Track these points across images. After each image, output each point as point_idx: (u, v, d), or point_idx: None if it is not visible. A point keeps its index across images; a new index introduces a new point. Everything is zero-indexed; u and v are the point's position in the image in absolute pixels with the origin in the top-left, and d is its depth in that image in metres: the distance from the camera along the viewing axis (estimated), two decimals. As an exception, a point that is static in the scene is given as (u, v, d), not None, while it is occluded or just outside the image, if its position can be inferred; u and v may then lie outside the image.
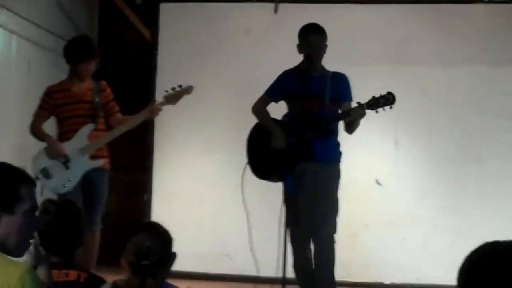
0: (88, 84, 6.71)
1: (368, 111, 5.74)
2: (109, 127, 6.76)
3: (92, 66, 6.65)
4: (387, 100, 5.68)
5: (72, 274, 3.84)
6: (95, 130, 6.59)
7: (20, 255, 2.86)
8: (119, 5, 8.53)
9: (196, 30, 8.65)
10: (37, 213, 3.85)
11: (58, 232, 3.93)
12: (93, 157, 6.56)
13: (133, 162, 8.42)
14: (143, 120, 6.77)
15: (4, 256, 2.78)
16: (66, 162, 6.44)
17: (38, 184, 6.51)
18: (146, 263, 3.63)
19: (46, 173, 6.47)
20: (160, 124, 8.51)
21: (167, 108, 6.77)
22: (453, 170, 8.23)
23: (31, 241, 2.93)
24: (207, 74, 8.37)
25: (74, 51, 6.72)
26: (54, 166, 6.47)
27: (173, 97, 6.65)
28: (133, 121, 6.69)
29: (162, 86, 8.40)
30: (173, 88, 6.64)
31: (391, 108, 5.71)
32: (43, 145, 6.69)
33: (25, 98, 7.55)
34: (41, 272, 3.46)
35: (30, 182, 2.90)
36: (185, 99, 7.02)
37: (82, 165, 6.50)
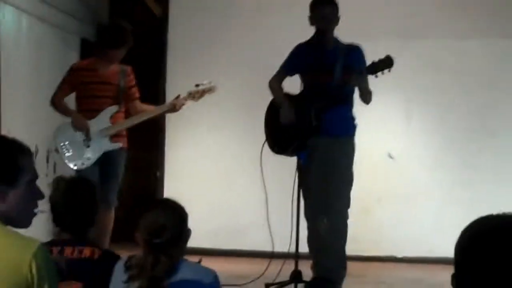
0: (115, 66, 6.70)
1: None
2: (127, 111, 6.79)
3: (122, 53, 6.65)
4: (385, 63, 5.70)
5: (86, 251, 3.84)
6: (117, 112, 6.63)
7: (26, 226, 2.86)
8: (130, -17, 8.55)
9: (208, 7, 8.62)
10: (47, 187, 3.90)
11: (67, 209, 3.95)
12: (113, 137, 6.60)
13: (145, 139, 8.42)
14: (165, 112, 6.88)
15: (16, 232, 2.79)
16: (86, 140, 6.48)
17: (51, 159, 6.60)
18: (159, 241, 3.64)
19: (66, 148, 6.51)
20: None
21: (184, 81, 6.81)
22: (465, 144, 8.23)
23: (35, 210, 2.94)
24: (219, 51, 8.37)
25: (108, 37, 6.71)
26: (75, 143, 6.51)
27: (196, 94, 6.72)
28: (155, 111, 6.86)
29: (173, 64, 8.52)
30: (197, 85, 6.71)
31: (389, 71, 5.72)
32: (53, 120, 6.72)
33: (36, 74, 7.59)
34: None
35: (28, 152, 2.89)
36: (196, 75, 7.05)
37: (101, 145, 6.54)
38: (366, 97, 5.97)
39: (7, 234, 2.75)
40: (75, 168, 6.42)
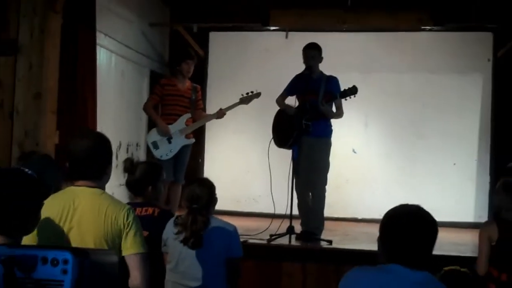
0: (188, 84, 6.55)
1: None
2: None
3: (191, 65, 6.50)
4: (351, 91, 5.68)
5: (149, 210, 3.85)
6: (190, 118, 6.50)
7: None
8: (182, 33, 8.52)
9: (234, 50, 8.65)
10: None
11: (132, 182, 3.92)
12: (186, 135, 6.47)
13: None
14: (215, 118, 6.66)
15: (110, 195, 2.84)
16: (169, 138, 6.35)
17: (130, 150, 6.51)
18: (196, 206, 3.64)
19: (155, 145, 6.35)
20: (210, 113, 8.51)
21: (218, 99, 6.67)
22: (405, 144, 8.21)
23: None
24: (241, 79, 8.32)
25: (179, 55, 6.65)
26: (161, 140, 6.34)
27: (246, 100, 6.56)
28: (210, 117, 6.69)
29: (211, 89, 8.55)
30: (247, 93, 6.55)
31: (355, 96, 5.69)
32: (131, 125, 6.63)
33: (120, 96, 7.62)
34: None
35: None
36: (227, 95, 6.99)
37: (180, 141, 6.40)
38: (336, 116, 5.98)
39: (110, 198, 2.81)
40: (162, 158, 6.27)
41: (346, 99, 5.77)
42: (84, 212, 2.69)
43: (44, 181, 2.26)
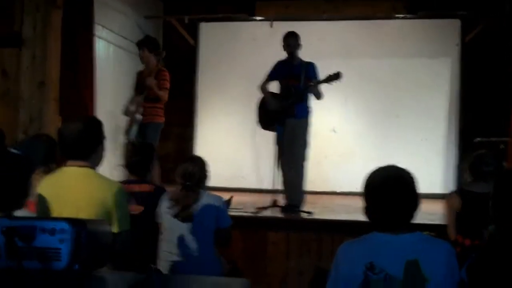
0: (154, 69, 6.29)
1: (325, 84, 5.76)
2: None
3: (143, 52, 6.27)
4: (336, 76, 5.63)
5: (145, 187, 3.87)
6: (143, 100, 6.22)
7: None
8: (175, 24, 8.51)
9: (222, 39, 8.62)
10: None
11: (131, 160, 3.95)
12: (145, 115, 6.20)
13: (185, 121, 8.44)
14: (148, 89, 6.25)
15: (100, 174, 2.80)
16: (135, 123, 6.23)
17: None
18: (189, 184, 3.66)
19: (128, 131, 6.27)
20: (201, 98, 8.57)
21: (209, 85, 6.55)
22: (381, 122, 8.24)
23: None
24: (230, 66, 8.37)
25: (137, 43, 6.50)
26: (130, 126, 6.27)
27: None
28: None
29: (202, 76, 8.52)
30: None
31: (339, 81, 5.63)
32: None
33: (117, 82, 7.62)
34: None
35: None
36: (216, 80, 6.93)
37: (135, 120, 6.21)
38: (318, 97, 5.95)
39: (100, 176, 2.78)
40: (127, 139, 6.13)
41: (330, 84, 5.74)
42: (75, 191, 2.67)
43: (31, 159, 2.25)
